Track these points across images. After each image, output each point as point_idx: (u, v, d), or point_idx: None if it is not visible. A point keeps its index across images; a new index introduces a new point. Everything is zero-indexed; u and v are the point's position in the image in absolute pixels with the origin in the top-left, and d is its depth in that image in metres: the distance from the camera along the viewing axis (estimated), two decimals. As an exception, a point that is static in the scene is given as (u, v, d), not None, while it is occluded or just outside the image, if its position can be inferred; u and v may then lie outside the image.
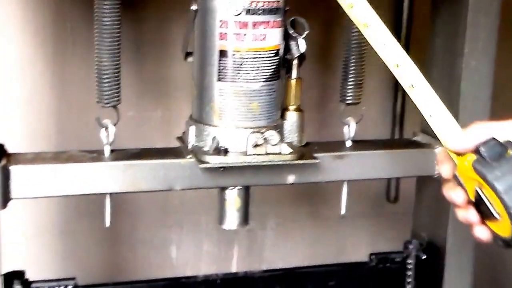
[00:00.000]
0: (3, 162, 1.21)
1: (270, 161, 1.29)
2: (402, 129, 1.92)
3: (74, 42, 1.66)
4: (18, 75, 1.64)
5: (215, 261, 1.89)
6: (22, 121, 1.66)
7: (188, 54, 1.36)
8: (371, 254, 1.56)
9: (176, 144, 1.38)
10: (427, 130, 1.54)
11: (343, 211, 1.48)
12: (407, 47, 1.88)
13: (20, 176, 1.23)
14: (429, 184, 1.56)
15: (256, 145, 1.29)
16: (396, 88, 1.91)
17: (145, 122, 1.74)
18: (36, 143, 1.65)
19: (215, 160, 1.28)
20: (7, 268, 1.30)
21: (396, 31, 1.87)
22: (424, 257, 1.57)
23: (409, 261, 1.57)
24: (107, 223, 1.33)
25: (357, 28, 1.41)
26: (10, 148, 1.29)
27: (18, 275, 1.31)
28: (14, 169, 1.22)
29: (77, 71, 1.66)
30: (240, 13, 1.25)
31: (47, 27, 1.64)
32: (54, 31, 1.65)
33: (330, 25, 1.80)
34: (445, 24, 1.50)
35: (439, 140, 1.46)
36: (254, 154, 1.28)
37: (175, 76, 1.73)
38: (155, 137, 1.72)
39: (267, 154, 1.29)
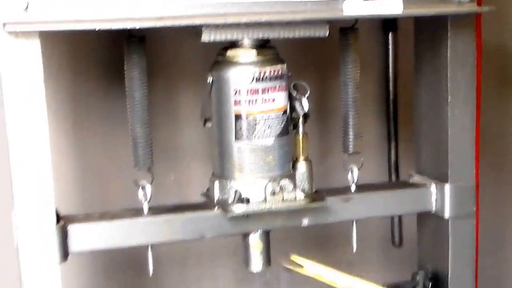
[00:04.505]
0: (61, 222, 1.39)
1: (287, 207, 1.49)
2: (398, 174, 2.09)
3: (88, 115, 1.84)
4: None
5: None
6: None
7: (206, 121, 1.55)
8: (384, 286, 1.71)
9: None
10: (422, 171, 1.73)
11: (354, 248, 1.65)
12: (395, 108, 2.08)
13: (76, 234, 1.41)
14: (429, 220, 1.73)
15: (274, 193, 1.48)
16: (389, 139, 2.10)
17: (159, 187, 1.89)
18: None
19: (239, 210, 1.46)
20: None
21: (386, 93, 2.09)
22: (430, 285, 1.71)
23: (418, 290, 1.72)
24: (151, 272, 1.50)
25: (353, 85, 1.62)
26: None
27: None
28: (71, 228, 1.41)
29: (93, 141, 1.85)
30: (251, 82, 1.46)
31: (65, 103, 1.83)
32: (73, 107, 1.84)
33: (324, 83, 1.99)
34: (428, 80, 1.68)
35: (433, 179, 1.65)
36: (272, 201, 1.47)
37: (185, 143, 1.91)
38: (168, 200, 1.79)
39: (284, 200, 1.48)
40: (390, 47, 2.05)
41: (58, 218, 1.40)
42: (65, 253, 1.40)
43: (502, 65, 2.22)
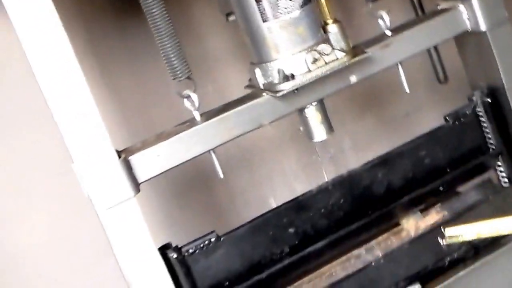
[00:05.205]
0: (123, 156, 1.40)
1: (332, 68, 1.47)
2: (423, 9, 2.06)
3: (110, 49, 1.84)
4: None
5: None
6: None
7: (228, 14, 1.54)
8: (445, 116, 1.72)
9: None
10: (445, -5, 1.71)
11: (407, 89, 1.63)
12: None
13: (141, 162, 1.42)
14: (468, 40, 1.72)
15: (315, 60, 1.47)
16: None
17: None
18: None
19: (287, 86, 1.46)
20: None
21: None
22: (490, 101, 1.71)
23: (479, 109, 1.72)
24: (220, 175, 1.50)
25: None
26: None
27: (168, 246, 1.50)
28: (133, 158, 1.41)
29: (121, 74, 1.85)
30: (259, -43, 1.43)
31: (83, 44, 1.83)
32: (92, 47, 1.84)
33: None
34: None
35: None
36: (316, 68, 1.47)
37: (212, 50, 1.90)
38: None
39: (326, 64, 1.47)
40: None
41: (118, 154, 1.40)
42: (135, 184, 1.41)
43: None
